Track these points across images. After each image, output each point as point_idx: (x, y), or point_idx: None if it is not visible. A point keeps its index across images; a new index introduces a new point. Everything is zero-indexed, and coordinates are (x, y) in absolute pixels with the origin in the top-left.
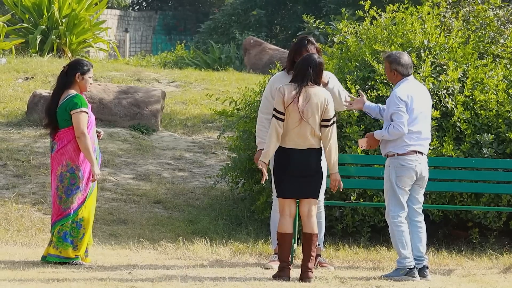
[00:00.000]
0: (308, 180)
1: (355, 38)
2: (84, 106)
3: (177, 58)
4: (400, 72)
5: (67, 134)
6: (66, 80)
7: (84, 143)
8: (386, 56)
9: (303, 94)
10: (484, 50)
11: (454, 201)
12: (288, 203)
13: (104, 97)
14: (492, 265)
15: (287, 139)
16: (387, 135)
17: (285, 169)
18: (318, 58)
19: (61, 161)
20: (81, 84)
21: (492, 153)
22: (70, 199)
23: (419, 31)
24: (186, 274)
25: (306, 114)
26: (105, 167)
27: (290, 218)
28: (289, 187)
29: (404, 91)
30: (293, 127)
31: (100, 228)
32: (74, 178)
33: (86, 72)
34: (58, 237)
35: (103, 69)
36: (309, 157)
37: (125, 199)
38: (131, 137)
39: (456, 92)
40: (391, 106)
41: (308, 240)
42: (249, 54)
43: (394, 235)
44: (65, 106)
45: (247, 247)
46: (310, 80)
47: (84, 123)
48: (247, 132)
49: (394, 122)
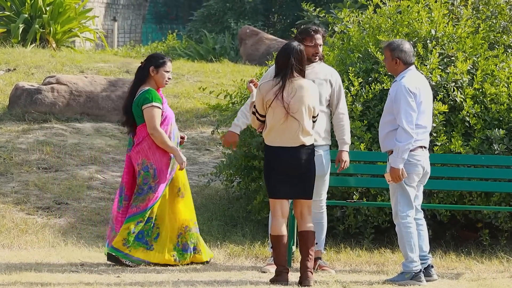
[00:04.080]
0: (299, 180)
1: (358, 28)
2: (156, 100)
3: (169, 49)
4: (403, 60)
5: (142, 131)
6: (142, 75)
7: (159, 138)
8: (387, 44)
9: (287, 88)
10: (495, 40)
11: (463, 201)
12: (279, 203)
13: (91, 90)
14: (503, 269)
15: (274, 137)
16: (402, 146)
17: (274, 169)
18: (298, 45)
19: (137, 159)
20: (156, 78)
21: (503, 149)
22: (140, 198)
23: (425, 20)
24: (178, 278)
25: (292, 109)
26: (92, 164)
27: (282, 219)
28: (280, 187)
29: (412, 82)
30: (279, 124)
31: (86, 229)
32: (147, 177)
33: (161, 65)
34: (134, 237)
35: (90, 61)
36: (298, 154)
37: (113, 199)
38: (119, 133)
39: (465, 85)
40: (400, 99)
41: (304, 239)
42: (245, 44)
43: (403, 237)
44: (137, 102)
45: (243, 250)
46: (295, 71)
47: (156, 118)
48: None
49: (403, 126)
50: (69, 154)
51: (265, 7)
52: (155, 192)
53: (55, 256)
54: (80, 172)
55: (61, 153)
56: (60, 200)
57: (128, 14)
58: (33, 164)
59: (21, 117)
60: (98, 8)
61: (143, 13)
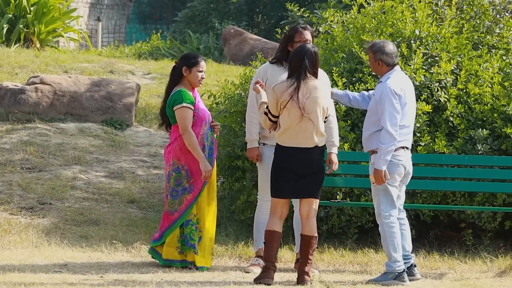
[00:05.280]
0: (309, 180)
1: (342, 28)
2: (187, 101)
3: (153, 49)
4: (386, 62)
5: (175, 131)
6: (175, 75)
7: (189, 140)
8: (369, 46)
9: (302, 89)
10: (479, 41)
11: (447, 201)
12: (282, 203)
13: (75, 90)
14: (486, 269)
15: (288, 137)
16: (384, 148)
17: (285, 169)
18: (313, 47)
19: (169, 160)
20: (189, 78)
21: (486, 149)
22: (176, 201)
23: (409, 20)
24: (162, 278)
25: (308, 110)
26: (76, 164)
27: (280, 219)
28: (288, 187)
29: (397, 83)
30: (294, 125)
31: (70, 230)
32: (179, 178)
33: (193, 65)
34: (182, 241)
35: (74, 61)
36: (311, 156)
37: (97, 199)
38: (103, 133)
39: (449, 85)
40: (385, 101)
41: (306, 243)
42: (229, 44)
43: (386, 237)
44: (169, 103)
45: (226, 250)
46: (308, 72)
47: (187, 119)
48: (227, 127)
49: (387, 128)
50: (53, 154)
51: (249, 7)
52: (190, 193)
53: (39, 256)
54: (64, 172)
55: (44, 153)
56: (43, 200)
57: (112, 14)
58: (16, 164)
59: (5, 117)
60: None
61: (127, 13)
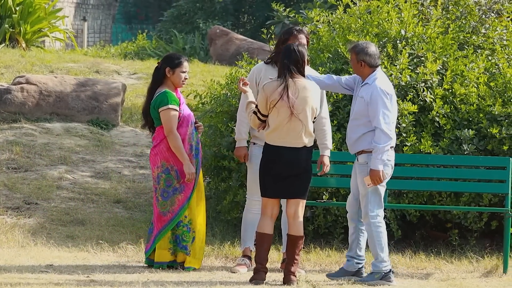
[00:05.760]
0: (296, 179)
1: (328, 28)
2: (172, 103)
3: (138, 49)
4: (368, 63)
5: (160, 132)
6: (158, 76)
7: (174, 141)
8: (352, 47)
9: (291, 88)
10: (465, 41)
11: (433, 201)
12: (271, 203)
13: (61, 90)
14: (472, 269)
15: (277, 137)
16: (381, 148)
17: (273, 168)
18: (296, 45)
19: (156, 162)
20: (173, 79)
21: (472, 149)
22: (168, 202)
23: (395, 21)
24: (148, 278)
25: (297, 109)
26: (62, 164)
27: (271, 219)
28: (275, 186)
29: (385, 83)
30: (284, 124)
31: (56, 230)
32: (169, 179)
33: (177, 66)
34: (173, 243)
35: (60, 60)
36: (299, 155)
37: (83, 199)
38: (89, 133)
39: (435, 85)
40: (377, 101)
41: (293, 243)
42: (214, 44)
43: (373, 237)
44: (154, 104)
45: (213, 250)
46: (295, 72)
47: (172, 121)
48: (213, 127)
49: (382, 128)
50: (39, 154)
51: (235, 7)
52: (182, 193)
53: (25, 256)
54: (50, 172)
55: (30, 153)
56: (29, 200)
57: (98, 14)
58: (2, 164)
59: None
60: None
61: (113, 13)
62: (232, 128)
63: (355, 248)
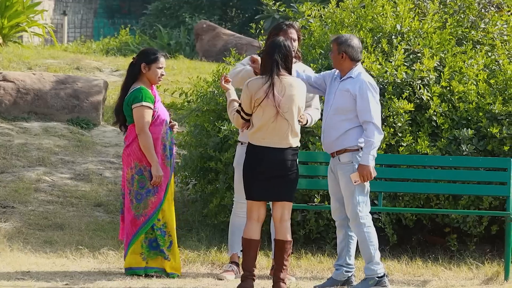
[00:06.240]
0: (282, 181)
1: (320, 23)
2: (146, 100)
3: (121, 44)
4: (350, 56)
5: (133, 131)
6: (133, 72)
7: (144, 141)
8: (334, 38)
9: (277, 86)
10: (463, 36)
11: (430, 204)
12: (257, 206)
13: (39, 87)
14: (472, 276)
15: (261, 136)
16: (375, 142)
17: (257, 169)
18: (283, 40)
19: (130, 163)
20: (148, 75)
21: (472, 150)
22: (141, 205)
23: (390, 15)
24: (130, 285)
25: (283, 108)
26: (40, 165)
27: (257, 223)
28: (260, 188)
29: (371, 78)
30: (269, 123)
31: (33, 234)
32: (143, 180)
33: (153, 61)
34: (146, 247)
35: (39, 57)
36: (284, 156)
37: (62, 202)
38: (69, 132)
39: (432, 82)
40: (366, 96)
41: (280, 248)
42: (201, 39)
43: (365, 238)
44: (127, 100)
45: (199, 256)
46: (281, 68)
47: (144, 119)
48: (199, 127)
49: (374, 122)
50: (16, 155)
51: (223, 1)
52: (155, 195)
53: (0, 262)
54: (27, 174)
55: (7, 153)
56: (5, 204)
57: (78, 8)
58: None
59: None
60: (47, 1)
61: (94, 7)
62: (219, 127)
63: (344, 256)
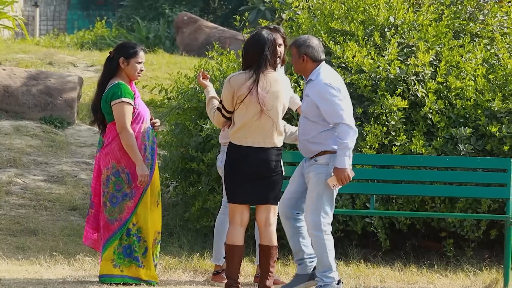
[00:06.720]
0: (266, 183)
1: (308, 14)
2: (126, 96)
3: (97, 38)
4: (311, 57)
5: (112, 130)
6: (111, 67)
7: (127, 139)
8: (292, 42)
9: (262, 82)
10: (461, 29)
11: (425, 207)
12: (239, 209)
13: (9, 83)
14: (470, 283)
15: (244, 135)
16: (349, 144)
17: (239, 170)
18: (270, 35)
19: (107, 163)
20: (127, 71)
21: (469, 150)
22: (116, 209)
23: (383, 6)
24: None
25: (267, 106)
26: (11, 167)
27: (241, 227)
28: (243, 191)
29: (330, 77)
30: (252, 121)
31: (5, 240)
32: (119, 183)
33: (131, 56)
34: (118, 254)
35: (9, 51)
36: (268, 156)
37: (35, 205)
38: (41, 132)
39: (427, 78)
40: (326, 98)
41: (266, 254)
42: (182, 32)
43: (325, 246)
44: (105, 97)
45: (180, 262)
46: (267, 63)
47: (125, 116)
48: (180, 125)
49: (345, 122)
50: None
51: None
52: (132, 199)
53: None
54: None
55: None
56: None
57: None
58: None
59: None
60: None
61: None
62: (201, 126)
63: (302, 249)
